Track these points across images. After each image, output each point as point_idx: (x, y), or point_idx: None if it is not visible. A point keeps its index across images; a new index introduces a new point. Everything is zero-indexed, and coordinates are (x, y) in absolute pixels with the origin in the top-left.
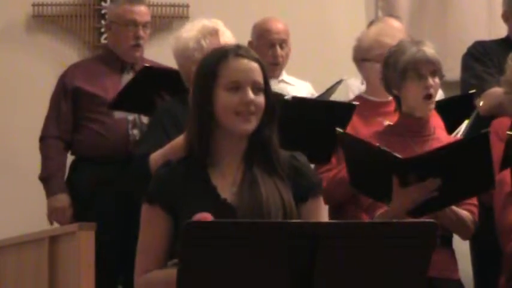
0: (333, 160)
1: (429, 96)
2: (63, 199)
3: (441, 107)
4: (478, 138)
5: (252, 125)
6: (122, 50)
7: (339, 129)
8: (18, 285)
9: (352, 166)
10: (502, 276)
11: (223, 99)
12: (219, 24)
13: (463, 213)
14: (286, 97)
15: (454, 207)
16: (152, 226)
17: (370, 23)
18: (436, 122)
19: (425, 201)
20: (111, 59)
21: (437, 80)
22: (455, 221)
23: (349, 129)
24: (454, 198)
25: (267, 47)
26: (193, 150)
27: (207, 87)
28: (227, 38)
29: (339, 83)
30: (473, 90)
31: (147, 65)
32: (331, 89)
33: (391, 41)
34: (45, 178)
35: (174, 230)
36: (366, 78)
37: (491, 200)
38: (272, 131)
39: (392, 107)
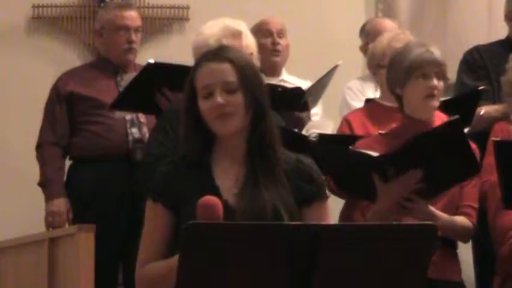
0: None
1: (432, 96)
2: (60, 204)
3: (449, 105)
4: (446, 126)
5: (229, 125)
6: (115, 55)
7: (311, 138)
8: (18, 287)
9: (333, 172)
10: (496, 277)
11: (202, 107)
12: (243, 26)
13: (458, 220)
14: (312, 137)
15: (447, 216)
16: (154, 222)
17: (364, 25)
18: None
19: (415, 192)
20: (103, 65)
21: (442, 83)
22: (451, 229)
23: (363, 134)
24: (441, 186)
25: (266, 37)
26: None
27: (190, 96)
28: (249, 41)
29: (334, 68)
30: (482, 87)
31: (151, 60)
32: (326, 76)
33: None
34: (44, 184)
35: (176, 226)
36: (380, 83)
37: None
38: (269, 128)
39: None
